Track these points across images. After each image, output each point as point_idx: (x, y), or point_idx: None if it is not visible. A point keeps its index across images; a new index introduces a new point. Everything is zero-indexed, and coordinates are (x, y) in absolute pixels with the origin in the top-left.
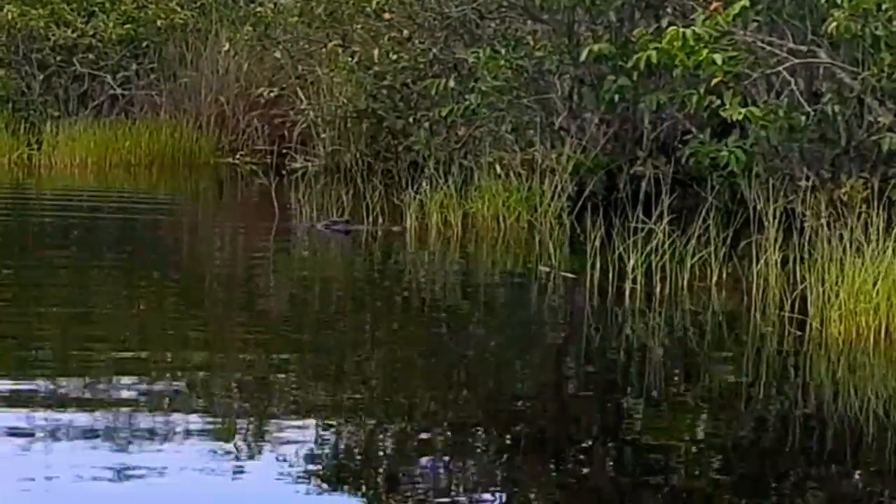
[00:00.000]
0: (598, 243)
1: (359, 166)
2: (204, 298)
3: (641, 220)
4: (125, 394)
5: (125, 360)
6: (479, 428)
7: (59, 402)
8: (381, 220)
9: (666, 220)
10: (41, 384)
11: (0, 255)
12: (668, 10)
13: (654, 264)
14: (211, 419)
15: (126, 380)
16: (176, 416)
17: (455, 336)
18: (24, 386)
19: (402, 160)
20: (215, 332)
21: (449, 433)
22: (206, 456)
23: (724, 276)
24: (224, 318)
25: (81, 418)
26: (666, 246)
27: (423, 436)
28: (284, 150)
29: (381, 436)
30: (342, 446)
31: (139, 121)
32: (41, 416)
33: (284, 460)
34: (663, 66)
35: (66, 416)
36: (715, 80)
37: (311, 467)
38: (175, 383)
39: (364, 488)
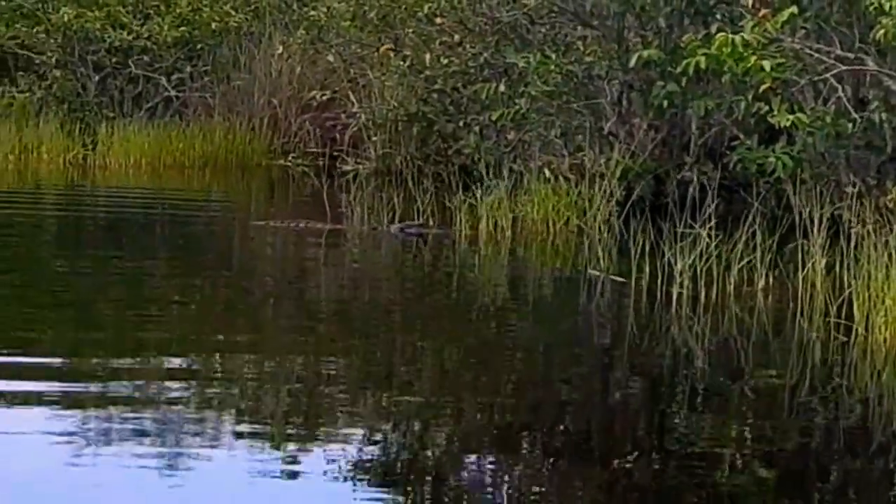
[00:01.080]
0: (645, 248)
1: (409, 169)
2: (256, 298)
3: (688, 225)
4: (175, 395)
5: (175, 361)
6: (525, 430)
7: (109, 403)
8: (432, 222)
9: (712, 225)
10: (91, 384)
11: (54, 255)
12: (718, 16)
13: (700, 269)
14: (260, 421)
15: (175, 382)
16: (225, 418)
17: (504, 339)
18: (74, 387)
19: (453, 164)
20: (267, 331)
21: (496, 436)
22: (254, 458)
23: (770, 281)
24: (275, 318)
25: (131, 419)
26: (713, 251)
27: (471, 438)
28: (336, 153)
29: (428, 438)
30: (390, 449)
31: (193, 122)
32: (92, 416)
33: (333, 462)
34: (712, 72)
35: (116, 417)
36: (763, 87)
37: (359, 470)
38: (225, 384)
39: (411, 491)
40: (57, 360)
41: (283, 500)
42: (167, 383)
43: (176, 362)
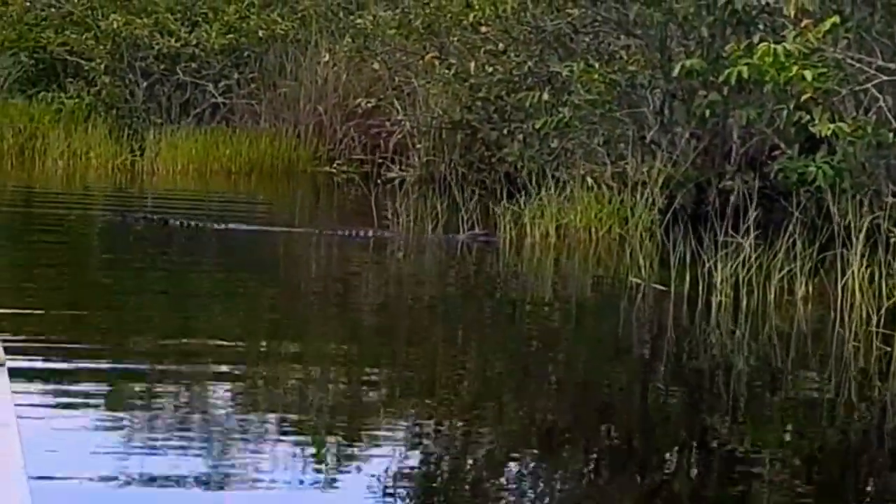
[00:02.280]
0: (687, 256)
1: (453, 177)
2: (302, 303)
3: (729, 234)
4: (218, 401)
5: (219, 367)
6: (566, 437)
7: (153, 407)
8: (477, 229)
9: (753, 234)
10: (136, 386)
11: (100, 259)
12: (760, 26)
13: (741, 278)
14: (303, 427)
15: (219, 388)
16: (268, 425)
17: (546, 346)
18: (118, 391)
19: (496, 171)
20: (312, 335)
21: (536, 443)
22: (296, 465)
23: (811, 290)
24: (320, 321)
25: (175, 425)
26: (753, 260)
27: (511, 446)
28: (380, 160)
29: (470, 444)
30: (432, 454)
31: (239, 129)
32: (136, 419)
33: (376, 468)
34: (753, 81)
35: (159, 422)
36: (804, 97)
37: (400, 477)
38: (269, 391)
39: (454, 497)
40: (102, 364)
41: None
42: (211, 389)
43: (220, 368)
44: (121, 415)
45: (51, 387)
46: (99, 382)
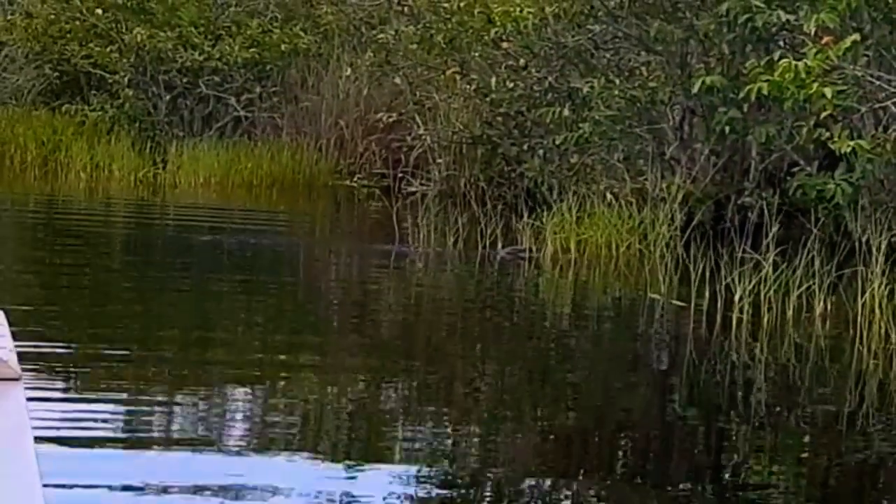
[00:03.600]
0: (706, 272)
1: (473, 191)
2: (322, 317)
3: (748, 251)
4: (238, 416)
5: (237, 383)
6: (583, 453)
7: (173, 423)
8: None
9: (772, 251)
10: (156, 400)
11: (123, 272)
12: (780, 43)
13: (762, 294)
14: (322, 445)
15: (239, 403)
16: (287, 440)
17: (564, 361)
18: (138, 407)
19: (516, 186)
20: (331, 349)
21: (554, 458)
22: (316, 475)
23: (829, 307)
24: (342, 335)
25: (193, 436)
26: (772, 276)
27: (529, 460)
28: (401, 174)
29: (487, 459)
30: (450, 468)
31: (261, 142)
32: (154, 431)
33: (393, 484)
34: (773, 98)
35: (176, 437)
36: (824, 114)
37: (418, 490)
38: (288, 405)
39: None
40: (120, 375)
41: None
42: (229, 402)
43: (239, 382)
44: (137, 426)
45: (67, 397)
46: (116, 393)
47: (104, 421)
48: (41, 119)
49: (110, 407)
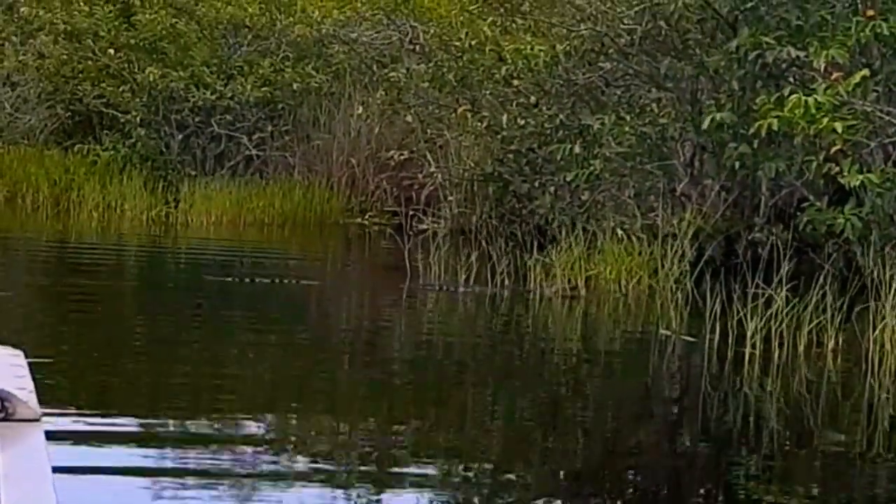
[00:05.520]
0: (717, 308)
1: (484, 228)
2: (333, 357)
3: (759, 286)
4: (247, 456)
5: (249, 422)
6: (594, 490)
7: (183, 463)
8: (508, 281)
9: (784, 286)
10: (167, 439)
11: (137, 311)
12: (790, 79)
13: (774, 330)
14: (334, 477)
15: (249, 445)
16: (297, 480)
17: (575, 397)
18: (148, 449)
19: (527, 223)
20: (344, 387)
21: (564, 495)
22: None
23: (840, 342)
24: (354, 373)
25: (208, 473)
26: (783, 312)
27: (539, 497)
28: (412, 212)
29: (499, 496)
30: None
31: (273, 181)
32: (168, 471)
33: None
34: (783, 133)
35: (189, 476)
36: (834, 149)
37: None
38: (298, 447)
39: None
40: (134, 415)
41: None
42: (241, 446)
43: (251, 423)
44: (155, 465)
45: (84, 439)
46: (134, 433)
47: (122, 460)
48: (53, 159)
49: (127, 448)
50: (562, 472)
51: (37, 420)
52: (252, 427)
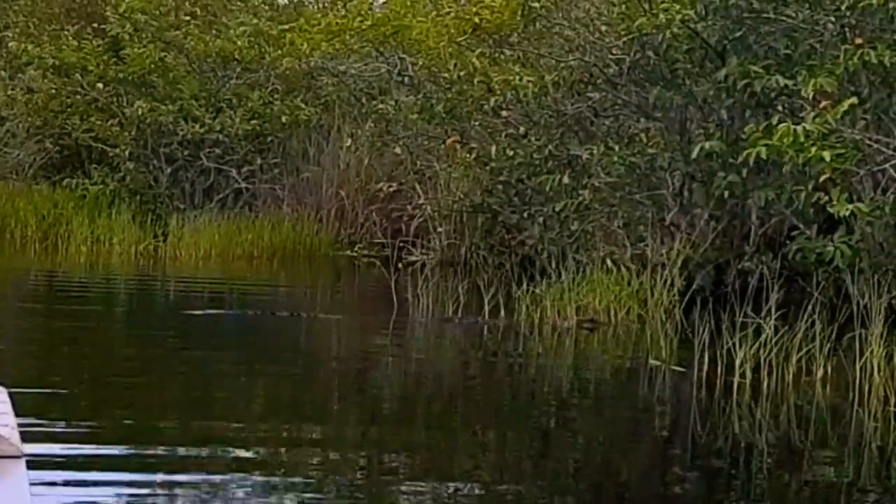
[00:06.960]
0: (706, 337)
1: (474, 259)
2: (323, 389)
3: (748, 315)
4: (239, 491)
5: (240, 454)
6: None
7: (174, 496)
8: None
9: (773, 315)
10: (157, 475)
11: (124, 346)
12: (779, 108)
13: (763, 359)
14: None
15: (240, 475)
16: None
17: (565, 428)
18: (139, 478)
19: (516, 254)
20: (334, 420)
21: None
22: None
23: (829, 371)
24: (343, 406)
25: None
26: (772, 341)
27: None
28: (401, 244)
29: None
30: None
31: (262, 214)
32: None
33: None
34: (772, 162)
35: None
36: (823, 177)
37: None
38: (289, 478)
39: None
40: (123, 450)
41: None
42: (231, 476)
43: (241, 455)
44: (138, 500)
45: (70, 475)
46: (118, 472)
47: (106, 493)
48: (42, 193)
49: (111, 488)
50: (552, 502)
51: (19, 457)
52: (241, 456)
